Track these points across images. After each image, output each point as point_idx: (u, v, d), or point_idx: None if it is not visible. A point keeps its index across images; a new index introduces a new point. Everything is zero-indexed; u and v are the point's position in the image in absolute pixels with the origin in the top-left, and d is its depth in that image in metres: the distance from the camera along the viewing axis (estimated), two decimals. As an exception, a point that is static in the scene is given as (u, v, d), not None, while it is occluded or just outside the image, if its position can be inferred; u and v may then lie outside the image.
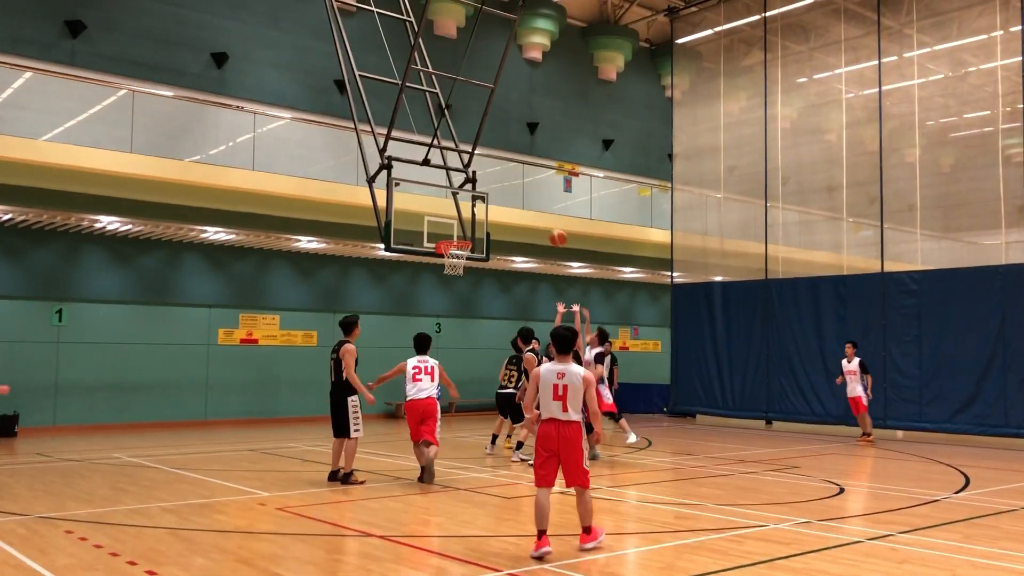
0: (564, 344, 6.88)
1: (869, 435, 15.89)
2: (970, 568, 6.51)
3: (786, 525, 8.01)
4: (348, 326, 10.51)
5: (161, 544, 7.06)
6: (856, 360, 15.89)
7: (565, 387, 6.72)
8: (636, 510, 8.98)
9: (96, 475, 11.08)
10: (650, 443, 15.48)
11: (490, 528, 7.99)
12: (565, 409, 6.74)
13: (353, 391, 10.27)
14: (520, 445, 12.70)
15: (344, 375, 10.21)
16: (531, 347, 13.24)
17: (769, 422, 19.25)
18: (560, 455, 6.75)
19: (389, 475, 11.18)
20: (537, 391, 6.93)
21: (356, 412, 10.27)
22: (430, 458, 10.32)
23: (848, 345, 16.14)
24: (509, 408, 13.34)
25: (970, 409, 15.81)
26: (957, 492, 10.17)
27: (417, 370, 10.39)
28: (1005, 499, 9.92)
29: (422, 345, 10.70)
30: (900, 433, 16.94)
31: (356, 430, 10.25)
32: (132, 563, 6.42)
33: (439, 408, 10.48)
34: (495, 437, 13.75)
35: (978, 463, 12.92)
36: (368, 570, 6.33)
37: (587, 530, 6.89)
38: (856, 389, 15.74)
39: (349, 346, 10.34)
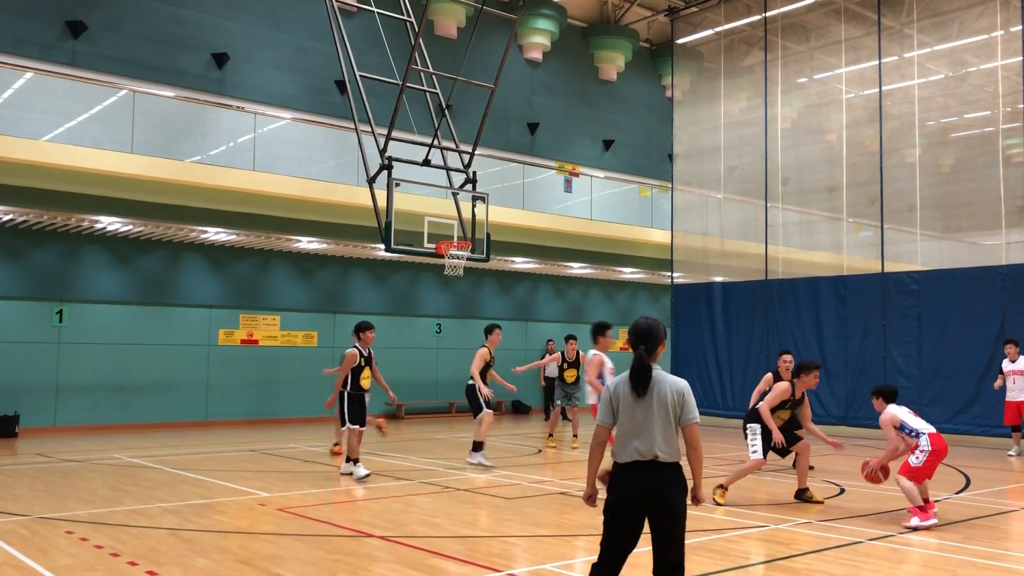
0: None
1: None
2: (970, 568, 6.51)
3: (786, 526, 8.01)
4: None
5: (162, 545, 7.07)
6: (1023, 359, 13.87)
7: None
8: (636, 510, 8.97)
9: (97, 476, 11.09)
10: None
11: (491, 528, 7.99)
12: None
13: None
14: (480, 446, 12.15)
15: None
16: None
17: (769, 422, 19.21)
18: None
19: (390, 475, 11.19)
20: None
21: None
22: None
23: (1010, 345, 14.09)
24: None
25: (970, 410, 15.78)
26: (957, 492, 10.16)
27: None
28: (1005, 500, 9.93)
29: None
30: (900, 433, 16.90)
31: None
32: (133, 563, 6.42)
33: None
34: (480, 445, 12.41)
35: (978, 464, 12.91)
36: (368, 570, 6.33)
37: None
38: (1022, 394, 13.74)
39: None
